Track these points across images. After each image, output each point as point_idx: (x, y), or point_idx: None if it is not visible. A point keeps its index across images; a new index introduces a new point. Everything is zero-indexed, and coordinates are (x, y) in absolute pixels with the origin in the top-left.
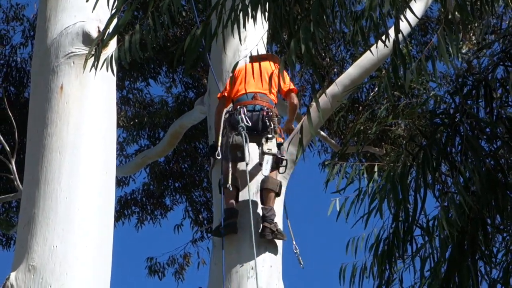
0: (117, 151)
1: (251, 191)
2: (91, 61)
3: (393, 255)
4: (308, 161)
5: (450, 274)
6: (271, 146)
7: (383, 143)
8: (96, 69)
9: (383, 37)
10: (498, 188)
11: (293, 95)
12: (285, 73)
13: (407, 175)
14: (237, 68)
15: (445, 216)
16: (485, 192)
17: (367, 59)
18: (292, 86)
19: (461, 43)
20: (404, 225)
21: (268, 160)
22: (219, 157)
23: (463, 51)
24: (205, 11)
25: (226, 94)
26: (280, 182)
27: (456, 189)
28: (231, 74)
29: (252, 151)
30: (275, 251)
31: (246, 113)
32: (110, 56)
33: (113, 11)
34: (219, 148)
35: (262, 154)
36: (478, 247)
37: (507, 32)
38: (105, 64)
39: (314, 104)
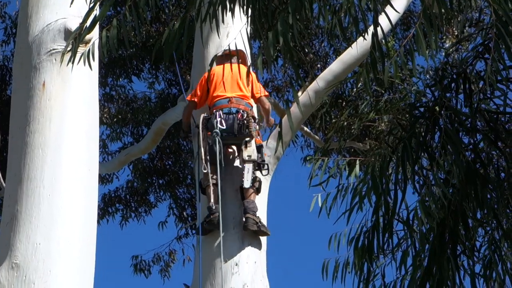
0: (100, 148)
1: (232, 188)
2: (70, 56)
3: (372, 248)
4: (291, 156)
5: (431, 267)
6: (250, 152)
7: (366, 139)
8: (73, 63)
9: (364, 31)
10: (478, 181)
11: (264, 99)
12: (257, 81)
13: (386, 167)
14: (211, 72)
15: (423, 208)
16: (464, 184)
17: (350, 54)
18: (263, 93)
19: (444, 37)
20: (384, 219)
21: (248, 169)
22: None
23: (446, 45)
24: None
25: (196, 100)
26: (259, 179)
27: (434, 181)
28: (205, 75)
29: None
30: (259, 247)
31: (222, 116)
32: (87, 50)
33: (91, 5)
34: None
35: (243, 162)
36: (459, 241)
37: (487, 25)
38: (82, 59)
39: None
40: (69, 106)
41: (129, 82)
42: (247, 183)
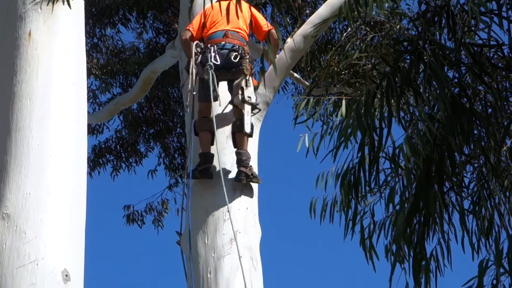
0: (89, 99)
1: (224, 134)
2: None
3: (359, 184)
4: (282, 104)
5: (417, 203)
6: (250, 93)
7: (356, 83)
8: (53, 4)
9: None
10: (464, 115)
11: (273, 32)
12: (260, 14)
13: (371, 103)
14: (206, 8)
15: (409, 145)
16: (450, 118)
17: None
18: (269, 26)
19: None
20: (370, 155)
21: (248, 112)
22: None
23: None
24: None
25: (192, 32)
26: (252, 124)
27: (419, 116)
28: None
29: (223, 89)
30: (250, 194)
31: (216, 51)
32: None
33: None
34: (191, 66)
35: (243, 102)
36: (447, 176)
37: None
38: None
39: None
40: (56, 55)
41: (117, 32)
42: (247, 127)
